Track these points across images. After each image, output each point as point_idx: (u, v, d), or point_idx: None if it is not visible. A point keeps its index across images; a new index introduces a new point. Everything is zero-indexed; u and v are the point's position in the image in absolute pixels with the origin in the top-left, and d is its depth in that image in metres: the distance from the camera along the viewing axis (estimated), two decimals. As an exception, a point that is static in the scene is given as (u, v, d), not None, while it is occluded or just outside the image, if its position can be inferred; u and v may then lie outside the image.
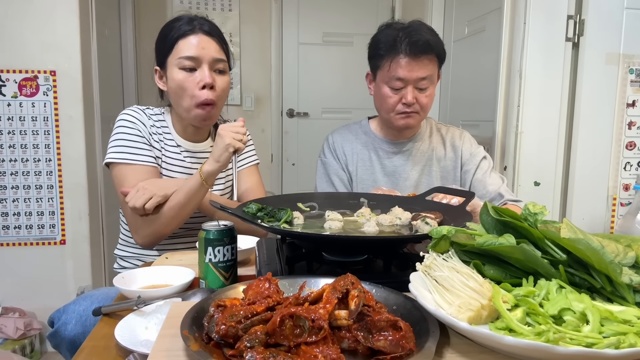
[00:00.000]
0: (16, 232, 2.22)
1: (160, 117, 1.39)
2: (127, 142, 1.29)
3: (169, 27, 1.30)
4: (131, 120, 1.32)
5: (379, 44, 1.47)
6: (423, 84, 1.44)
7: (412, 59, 1.41)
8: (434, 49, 1.42)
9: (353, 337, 0.57)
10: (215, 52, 1.30)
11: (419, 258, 0.75)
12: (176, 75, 1.27)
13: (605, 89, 2.01)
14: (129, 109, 1.35)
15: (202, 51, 1.27)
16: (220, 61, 1.30)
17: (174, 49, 1.28)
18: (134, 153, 1.28)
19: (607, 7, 1.96)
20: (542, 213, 0.73)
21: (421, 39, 1.40)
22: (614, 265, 0.63)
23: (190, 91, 1.27)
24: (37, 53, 2.13)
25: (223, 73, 1.32)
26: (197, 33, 1.28)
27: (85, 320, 0.98)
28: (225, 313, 0.57)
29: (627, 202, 2.07)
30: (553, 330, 0.54)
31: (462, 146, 1.59)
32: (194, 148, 1.40)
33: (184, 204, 1.21)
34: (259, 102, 3.75)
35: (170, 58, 1.28)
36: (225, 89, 1.33)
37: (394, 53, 1.43)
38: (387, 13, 3.78)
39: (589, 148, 2.03)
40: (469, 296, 0.62)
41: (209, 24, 1.32)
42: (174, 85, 1.28)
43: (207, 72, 1.27)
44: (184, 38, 1.27)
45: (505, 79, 2.12)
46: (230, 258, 0.93)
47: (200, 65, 1.27)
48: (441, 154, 1.60)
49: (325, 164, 1.63)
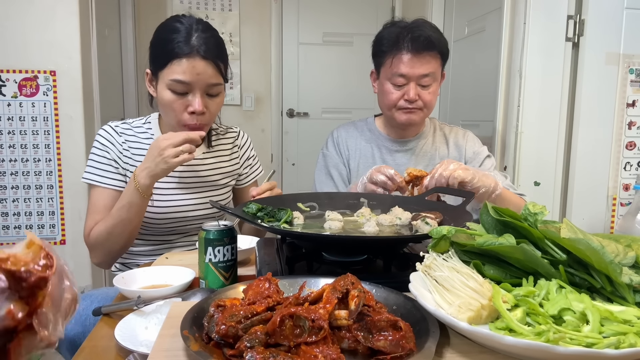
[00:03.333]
0: (16, 232, 2.22)
1: (143, 129, 1.35)
2: (95, 164, 1.29)
3: (167, 38, 1.22)
4: (101, 141, 1.30)
5: (382, 40, 1.48)
6: (425, 80, 1.44)
7: (414, 55, 1.42)
8: (436, 46, 1.43)
9: (353, 337, 0.57)
10: (210, 77, 1.22)
11: (419, 258, 0.75)
12: (166, 95, 1.22)
13: (605, 89, 2.01)
14: (102, 128, 1.32)
15: (197, 77, 1.20)
16: (214, 86, 1.24)
17: (166, 68, 1.21)
18: (99, 175, 1.28)
19: (607, 7, 1.96)
20: (542, 213, 0.73)
21: (423, 35, 1.41)
22: (614, 265, 0.63)
23: (179, 113, 1.23)
24: (37, 53, 2.13)
25: (216, 96, 1.27)
26: (193, 57, 1.19)
27: (85, 319, 0.98)
28: (225, 313, 0.57)
29: (627, 202, 2.07)
30: (553, 330, 0.54)
31: (466, 145, 1.59)
32: None
33: (130, 220, 1.20)
34: (259, 102, 3.75)
35: (162, 75, 1.22)
36: (217, 110, 1.29)
37: (396, 49, 1.43)
38: (387, 13, 3.78)
39: (589, 148, 2.03)
40: (469, 296, 0.62)
41: (207, 43, 1.22)
42: (162, 102, 1.25)
43: (199, 99, 1.21)
44: (179, 60, 1.19)
45: (505, 79, 2.12)
46: (230, 258, 0.93)
47: (192, 90, 1.21)
48: (444, 153, 1.59)
49: (326, 156, 1.63)
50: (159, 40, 1.25)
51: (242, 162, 1.51)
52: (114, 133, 1.31)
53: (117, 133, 1.32)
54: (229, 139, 1.48)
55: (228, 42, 3.64)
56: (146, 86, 1.33)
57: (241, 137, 1.52)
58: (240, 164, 1.50)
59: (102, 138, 1.31)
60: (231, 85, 3.68)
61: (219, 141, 1.46)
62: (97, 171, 1.29)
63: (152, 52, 1.28)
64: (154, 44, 1.27)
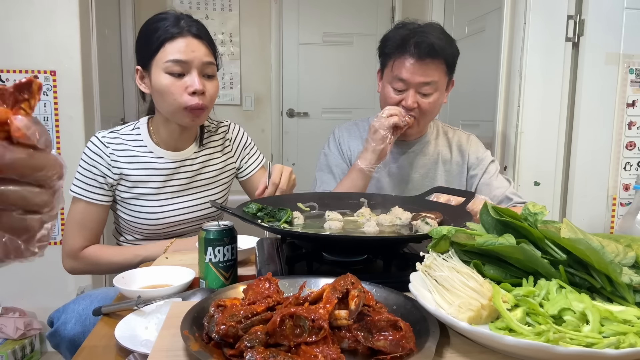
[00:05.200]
0: (16, 232, 2.22)
1: (131, 135, 1.33)
2: (83, 177, 1.28)
3: (154, 27, 1.23)
4: (89, 155, 1.29)
5: (387, 41, 1.46)
6: (426, 89, 1.41)
7: (416, 62, 1.38)
8: (439, 54, 1.38)
9: (353, 337, 0.57)
10: (205, 56, 1.23)
11: (419, 258, 0.75)
12: (163, 79, 1.21)
13: (605, 89, 2.01)
14: (90, 140, 1.30)
15: (192, 54, 1.21)
16: (209, 65, 1.25)
17: (160, 52, 1.21)
18: (87, 190, 1.28)
19: (607, 7, 1.96)
20: (542, 213, 0.73)
21: (426, 41, 1.36)
22: (614, 265, 0.63)
23: (178, 96, 1.21)
24: (37, 53, 2.13)
25: (212, 78, 1.27)
26: (185, 35, 1.21)
27: (85, 319, 0.99)
28: (225, 313, 0.57)
29: (627, 202, 2.07)
30: (553, 330, 0.54)
31: (469, 150, 1.57)
32: (176, 157, 1.34)
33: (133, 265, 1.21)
34: (259, 102, 3.75)
35: (156, 60, 1.22)
36: (215, 93, 1.28)
37: (399, 53, 1.41)
38: (387, 13, 3.78)
39: (589, 148, 2.03)
40: (469, 296, 0.62)
41: (197, 24, 1.25)
42: (160, 88, 1.22)
43: (197, 78, 1.21)
44: (172, 41, 1.20)
45: (505, 79, 2.11)
46: (230, 258, 0.93)
47: (189, 70, 1.21)
48: (447, 157, 1.58)
49: (327, 155, 1.62)
50: (147, 31, 1.25)
51: (238, 154, 1.48)
52: (101, 145, 1.29)
53: (104, 145, 1.29)
54: (219, 134, 1.46)
55: (228, 42, 3.64)
56: (137, 85, 1.31)
57: (232, 130, 1.49)
58: (236, 157, 1.47)
59: (89, 151, 1.29)
60: (231, 85, 3.68)
61: (210, 138, 1.43)
62: (84, 185, 1.28)
63: (141, 45, 1.26)
64: (141, 38, 1.27)
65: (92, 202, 1.28)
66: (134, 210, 1.31)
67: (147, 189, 1.31)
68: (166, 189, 1.33)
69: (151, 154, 1.32)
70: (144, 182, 1.31)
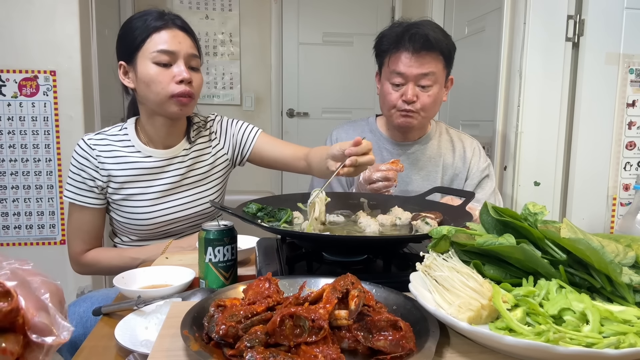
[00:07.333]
0: (16, 232, 2.22)
1: (119, 136, 1.33)
2: (74, 182, 1.29)
3: (138, 21, 1.25)
4: (77, 159, 1.28)
5: (383, 39, 1.47)
6: (424, 81, 1.42)
7: (412, 54, 1.39)
8: (434, 46, 1.39)
9: (353, 337, 0.57)
10: (191, 48, 1.27)
11: (419, 258, 0.75)
12: (150, 69, 1.22)
13: (605, 89, 2.01)
14: (77, 144, 1.30)
15: (179, 45, 1.23)
16: (194, 57, 1.28)
17: (146, 43, 1.22)
18: (79, 194, 1.29)
19: (607, 7, 1.96)
20: (542, 213, 0.73)
21: (420, 33, 1.38)
22: (614, 265, 0.63)
23: (166, 85, 1.22)
24: (37, 53, 2.13)
25: (197, 70, 1.29)
26: (171, 27, 1.24)
27: (86, 321, 0.98)
28: (225, 313, 0.57)
29: (627, 202, 2.07)
30: (553, 330, 0.54)
31: (472, 159, 1.57)
32: (165, 155, 1.33)
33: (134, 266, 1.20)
34: (259, 102, 3.75)
35: (142, 51, 1.23)
36: (200, 86, 1.30)
37: (394, 48, 1.42)
38: (387, 13, 3.78)
39: (589, 148, 2.03)
40: (469, 296, 0.62)
41: (180, 19, 1.29)
42: (147, 79, 1.22)
43: (184, 67, 1.24)
44: (158, 32, 1.23)
45: (505, 79, 2.11)
46: (230, 258, 0.93)
47: (176, 60, 1.24)
48: (449, 162, 1.57)
49: None
50: (131, 26, 1.26)
51: (227, 142, 1.45)
52: (87, 148, 1.28)
53: (90, 147, 1.28)
54: (208, 129, 1.45)
55: (228, 42, 3.64)
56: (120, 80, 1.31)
57: (217, 122, 1.47)
58: (226, 149, 1.45)
59: (77, 155, 1.28)
60: (231, 85, 3.68)
61: (200, 134, 1.42)
62: (76, 190, 1.29)
63: (125, 40, 1.27)
64: (124, 33, 1.27)
65: (86, 205, 1.29)
66: (125, 211, 1.32)
67: (136, 189, 1.31)
68: (156, 188, 1.32)
69: (139, 153, 1.32)
70: (132, 182, 1.30)
